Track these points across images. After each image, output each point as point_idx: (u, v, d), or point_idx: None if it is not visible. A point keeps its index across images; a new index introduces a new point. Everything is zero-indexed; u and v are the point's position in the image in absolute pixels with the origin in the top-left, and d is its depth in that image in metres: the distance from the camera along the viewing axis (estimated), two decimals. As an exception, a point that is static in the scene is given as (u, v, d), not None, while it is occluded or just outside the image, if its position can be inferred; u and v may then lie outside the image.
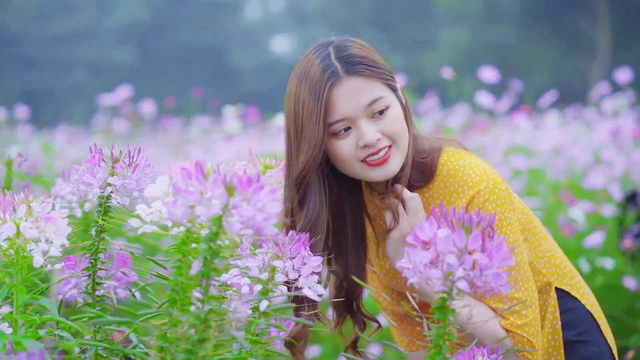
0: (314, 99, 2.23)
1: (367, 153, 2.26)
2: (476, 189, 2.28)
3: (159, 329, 1.66)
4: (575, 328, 2.47)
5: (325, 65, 2.27)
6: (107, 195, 1.92)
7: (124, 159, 1.92)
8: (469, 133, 6.08)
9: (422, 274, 1.69)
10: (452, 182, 2.32)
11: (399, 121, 2.28)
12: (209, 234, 1.63)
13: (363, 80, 2.26)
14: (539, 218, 5.02)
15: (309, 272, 1.90)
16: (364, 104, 2.25)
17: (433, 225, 1.71)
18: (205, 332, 1.60)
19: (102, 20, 29.31)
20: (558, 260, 2.50)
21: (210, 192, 1.61)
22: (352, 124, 2.26)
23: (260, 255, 1.89)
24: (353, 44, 2.32)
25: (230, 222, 1.60)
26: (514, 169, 5.66)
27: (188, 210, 1.61)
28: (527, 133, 6.06)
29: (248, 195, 1.61)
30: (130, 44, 29.19)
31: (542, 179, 5.74)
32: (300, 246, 1.90)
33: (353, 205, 2.46)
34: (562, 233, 4.77)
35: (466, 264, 1.67)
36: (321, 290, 1.92)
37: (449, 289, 1.68)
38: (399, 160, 2.30)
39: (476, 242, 1.68)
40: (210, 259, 1.64)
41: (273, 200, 1.64)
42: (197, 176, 1.62)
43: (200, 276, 1.63)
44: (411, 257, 1.70)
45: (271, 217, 1.62)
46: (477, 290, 1.69)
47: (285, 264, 1.89)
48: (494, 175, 2.32)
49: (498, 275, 1.69)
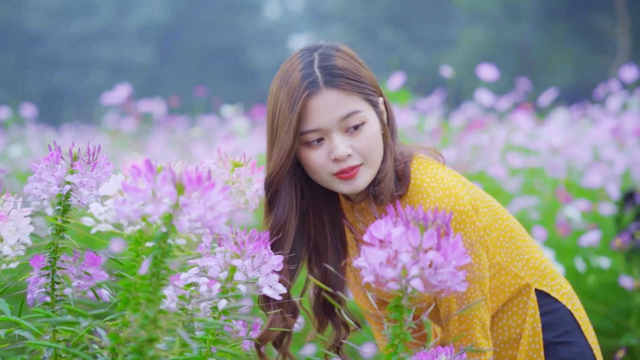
0: (290, 106, 2.23)
1: (338, 169, 2.25)
2: (437, 204, 2.25)
3: (111, 329, 1.64)
4: (556, 329, 2.45)
5: (305, 73, 2.25)
6: (66, 193, 1.90)
7: (83, 157, 1.90)
8: (468, 131, 6.04)
9: (377, 272, 1.67)
10: (416, 192, 2.31)
11: (373, 138, 2.27)
12: (159, 232, 1.62)
13: (341, 94, 2.24)
14: (537, 217, 5.02)
15: (269, 271, 1.88)
16: (339, 117, 2.24)
17: (388, 224, 1.69)
18: (154, 332, 1.58)
19: (122, 21, 29.41)
20: (537, 262, 2.48)
21: (159, 190, 1.59)
22: (325, 136, 2.26)
23: (219, 254, 1.87)
24: (339, 54, 2.29)
25: (179, 221, 1.58)
26: (510, 168, 5.63)
27: (136, 208, 1.59)
28: (528, 131, 6.00)
29: (198, 193, 1.60)
30: (149, 44, 29.27)
31: (542, 178, 5.70)
32: (260, 245, 1.88)
33: (332, 211, 2.46)
34: (558, 232, 4.73)
35: (421, 263, 1.65)
36: (282, 289, 1.90)
37: (403, 287, 1.66)
38: (368, 177, 2.29)
39: (431, 240, 1.65)
40: (160, 258, 1.62)
41: (224, 198, 1.62)
42: (146, 174, 1.60)
43: (150, 276, 1.62)
44: (367, 255, 1.68)
45: (222, 216, 1.60)
46: (432, 290, 1.66)
47: (244, 262, 1.87)
48: (456, 190, 2.29)
49: (454, 274, 1.66)
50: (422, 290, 1.64)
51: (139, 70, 28.12)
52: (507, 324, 2.44)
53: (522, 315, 2.43)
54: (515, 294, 2.44)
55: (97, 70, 28.17)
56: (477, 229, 2.30)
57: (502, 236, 2.43)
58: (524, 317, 2.43)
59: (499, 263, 2.41)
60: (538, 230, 4.64)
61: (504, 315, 2.44)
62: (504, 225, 2.45)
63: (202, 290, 1.84)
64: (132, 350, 1.58)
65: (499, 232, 2.42)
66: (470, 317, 2.31)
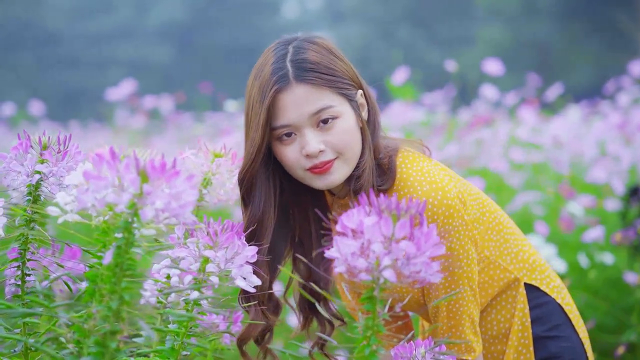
0: (260, 100, 2.19)
1: (311, 164, 2.21)
2: (424, 199, 2.20)
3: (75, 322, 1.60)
4: (545, 323, 2.40)
5: (276, 67, 2.20)
6: (36, 183, 1.86)
7: (54, 146, 1.86)
8: (472, 127, 5.98)
9: (349, 263, 1.62)
10: (402, 186, 2.25)
11: (347, 133, 2.21)
12: (124, 222, 1.57)
13: (312, 89, 2.18)
14: (541, 212, 4.96)
15: (243, 262, 1.83)
16: (309, 113, 2.18)
17: (361, 213, 1.64)
18: (117, 324, 1.54)
19: (140, 20, 29.45)
20: (526, 255, 2.42)
21: (122, 178, 1.55)
22: (297, 131, 2.21)
23: (191, 245, 1.83)
24: (312, 47, 2.23)
25: (143, 210, 1.54)
26: (512, 163, 5.56)
27: (100, 197, 1.55)
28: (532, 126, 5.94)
29: (162, 181, 1.56)
30: (168, 43, 29.28)
31: (546, 173, 5.63)
32: (233, 236, 1.84)
33: (317, 207, 2.41)
34: (561, 227, 4.67)
35: (394, 253, 1.60)
36: (256, 281, 1.86)
37: (375, 278, 1.61)
38: (345, 171, 2.24)
39: (404, 229, 1.61)
40: (125, 248, 1.58)
41: (190, 187, 1.58)
42: (109, 162, 1.56)
43: (114, 266, 1.57)
44: (339, 245, 1.64)
45: (188, 205, 1.56)
46: (405, 280, 1.62)
47: (217, 254, 1.83)
48: (443, 183, 2.24)
49: (427, 265, 1.61)
50: (395, 281, 1.59)
51: (157, 68, 28.12)
52: (495, 318, 2.39)
53: (511, 309, 2.38)
54: (504, 289, 2.39)
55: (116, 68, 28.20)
56: (465, 222, 2.25)
57: (491, 229, 2.38)
58: (513, 311, 2.38)
59: (488, 257, 2.36)
60: (540, 225, 4.58)
61: (492, 310, 2.39)
62: (492, 218, 2.40)
63: (174, 282, 1.80)
64: (95, 342, 1.54)
65: (487, 226, 2.37)
66: (460, 312, 2.26)
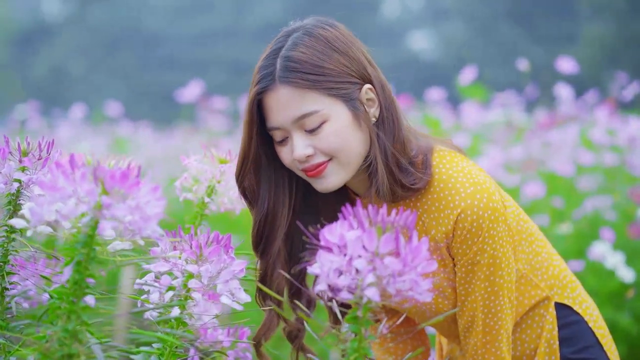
0: (249, 99, 2.05)
1: (302, 167, 2.06)
2: (469, 201, 2.02)
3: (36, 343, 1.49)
4: (574, 344, 2.21)
5: (265, 63, 2.05)
6: (16, 192, 1.76)
7: (34, 153, 1.76)
8: (540, 128, 5.74)
9: (330, 280, 1.47)
10: (442, 187, 2.07)
11: (338, 135, 2.02)
12: (84, 235, 1.46)
13: (294, 92, 2.01)
14: (613, 218, 4.70)
15: (229, 278, 1.70)
16: (292, 118, 2.02)
17: (344, 226, 1.49)
18: (73, 347, 1.42)
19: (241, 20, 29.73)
20: (557, 270, 2.24)
21: (79, 188, 1.43)
22: (287, 134, 2.06)
23: (173, 259, 1.70)
24: (306, 41, 2.06)
25: (100, 223, 1.42)
26: (580, 166, 5.31)
27: (56, 209, 1.43)
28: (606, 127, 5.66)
29: (122, 192, 1.43)
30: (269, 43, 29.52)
31: (620, 176, 5.35)
32: (219, 249, 1.70)
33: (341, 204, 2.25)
34: (630, 234, 4.41)
35: (379, 270, 1.45)
36: (246, 298, 1.72)
37: (357, 297, 1.46)
38: (341, 175, 2.06)
39: (389, 244, 1.45)
40: (85, 264, 1.46)
41: (156, 199, 1.45)
42: (66, 171, 1.45)
43: (72, 284, 1.46)
44: (321, 261, 1.49)
45: (152, 218, 1.44)
46: (392, 300, 1.46)
47: (201, 268, 1.69)
48: (487, 184, 2.06)
49: (415, 283, 1.46)
50: (378, 300, 1.44)
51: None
52: (520, 337, 2.21)
53: (538, 329, 2.20)
54: (533, 306, 2.20)
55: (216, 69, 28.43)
56: (508, 228, 2.07)
57: (524, 240, 2.20)
58: (540, 331, 2.20)
59: (519, 270, 2.18)
60: (607, 232, 4.33)
61: (517, 329, 2.21)
62: (525, 227, 2.21)
63: (153, 299, 1.68)
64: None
65: (520, 236, 2.19)
66: (497, 327, 2.09)
